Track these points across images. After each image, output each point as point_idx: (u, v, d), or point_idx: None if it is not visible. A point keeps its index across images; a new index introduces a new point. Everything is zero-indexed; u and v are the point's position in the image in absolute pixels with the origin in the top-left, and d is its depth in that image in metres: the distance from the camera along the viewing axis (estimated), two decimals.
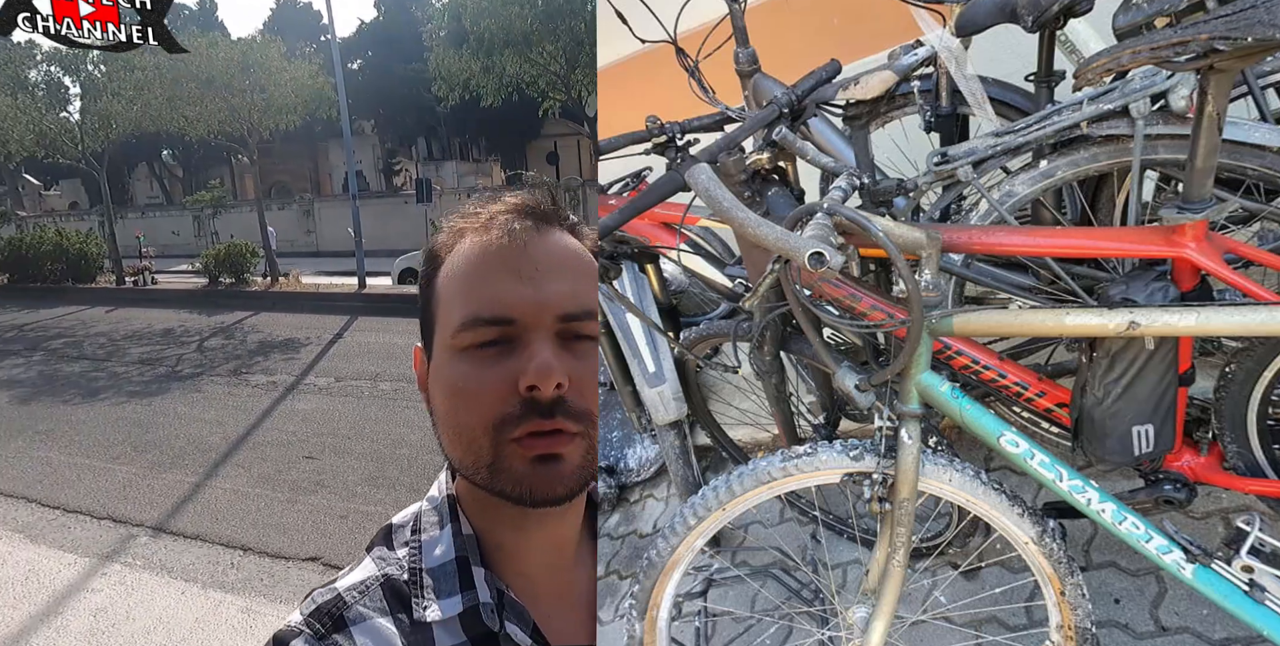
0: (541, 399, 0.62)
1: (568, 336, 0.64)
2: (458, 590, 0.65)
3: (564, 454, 0.63)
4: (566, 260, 0.67)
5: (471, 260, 0.66)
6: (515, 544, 0.69)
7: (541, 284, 0.64)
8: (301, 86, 14.31)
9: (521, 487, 0.63)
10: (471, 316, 0.63)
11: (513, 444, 0.62)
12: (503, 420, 0.62)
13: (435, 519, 0.70)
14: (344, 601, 0.64)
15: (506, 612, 0.66)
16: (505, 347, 0.63)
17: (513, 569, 0.69)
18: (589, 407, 0.65)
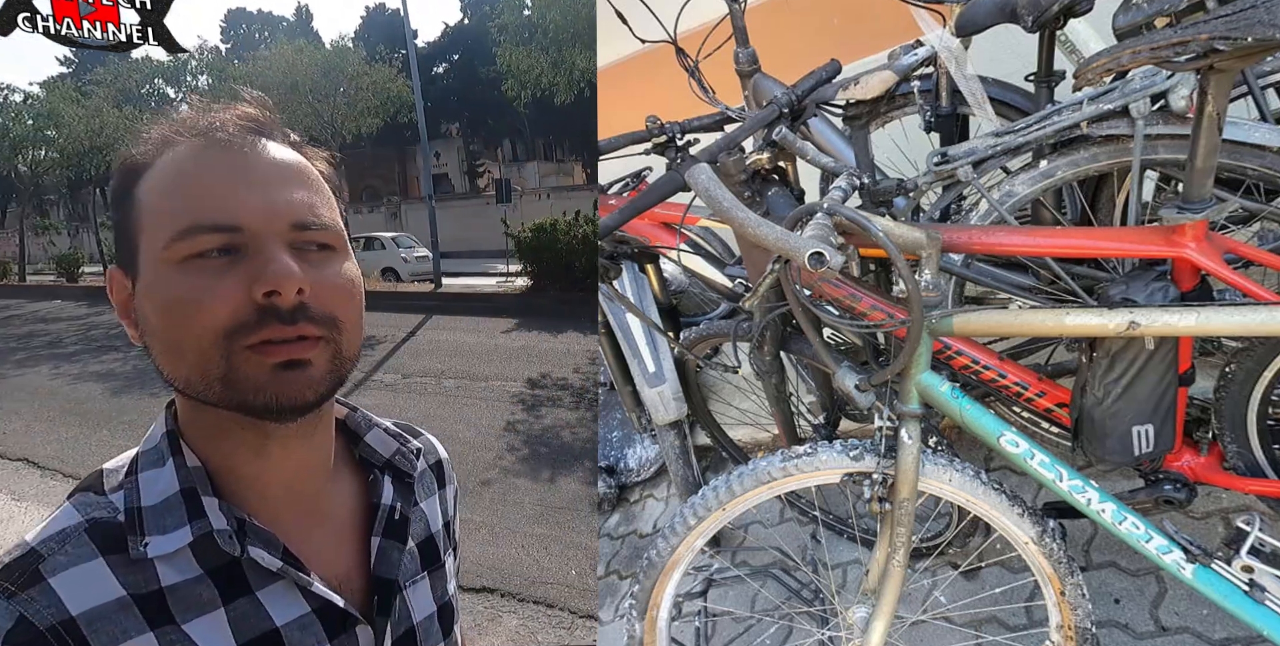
0: (282, 305, 0.58)
1: (303, 247, 0.61)
2: (185, 521, 0.60)
3: (310, 359, 0.59)
4: (295, 172, 0.64)
5: (186, 167, 0.61)
6: (256, 470, 0.65)
7: (270, 192, 0.61)
8: (381, 90, 14.74)
9: (264, 395, 0.58)
10: (190, 224, 0.58)
11: (248, 352, 0.57)
12: (236, 328, 0.57)
13: (154, 458, 0.64)
14: (38, 554, 0.57)
15: (250, 538, 0.61)
16: (233, 257, 0.59)
17: (255, 495, 0.64)
18: (334, 313, 0.61)
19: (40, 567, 0.56)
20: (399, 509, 0.73)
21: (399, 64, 15.32)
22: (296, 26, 30.28)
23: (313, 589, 0.63)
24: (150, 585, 0.58)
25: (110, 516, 0.60)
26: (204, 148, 0.62)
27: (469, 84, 30.22)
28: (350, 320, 0.63)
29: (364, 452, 0.76)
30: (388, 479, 0.75)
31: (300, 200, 0.62)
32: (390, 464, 0.76)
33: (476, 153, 34.83)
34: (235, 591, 0.61)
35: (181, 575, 0.59)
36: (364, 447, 0.76)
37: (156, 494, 0.61)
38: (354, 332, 0.64)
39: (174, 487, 0.61)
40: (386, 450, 0.77)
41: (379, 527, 0.71)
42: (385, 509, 0.72)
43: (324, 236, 0.63)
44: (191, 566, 0.60)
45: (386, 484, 0.74)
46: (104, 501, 0.61)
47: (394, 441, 0.77)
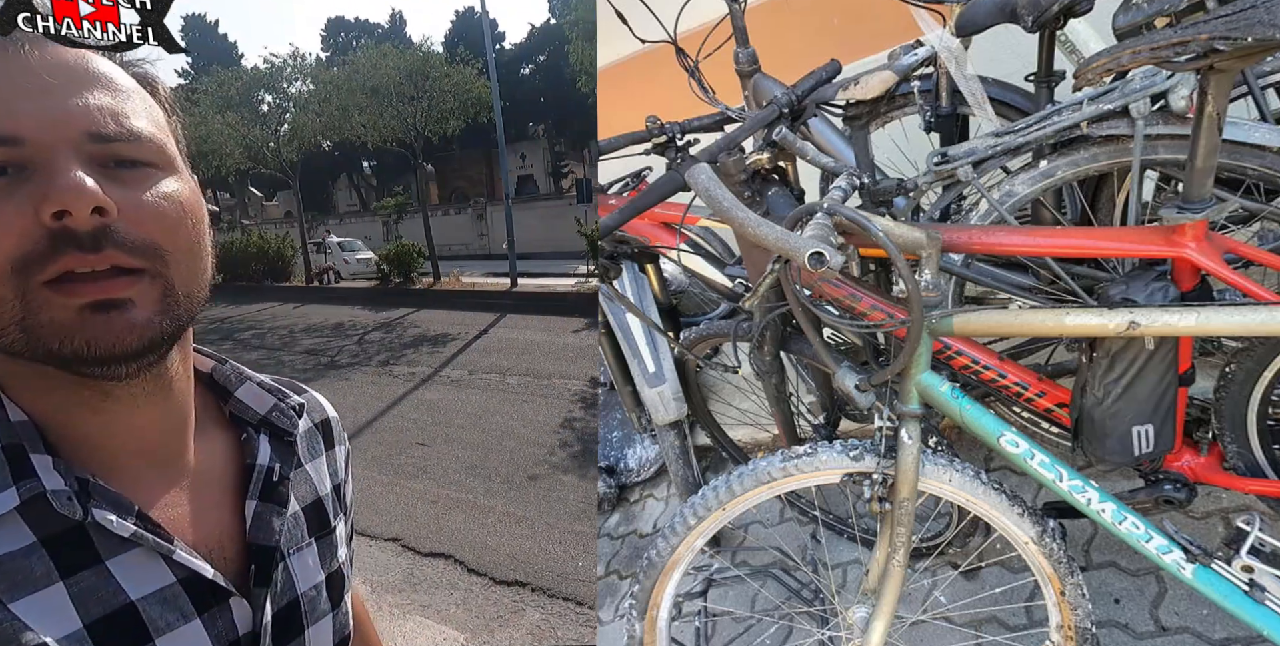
0: (77, 228, 0.48)
1: (107, 162, 0.51)
2: (10, 483, 0.50)
3: (131, 297, 0.50)
4: (94, 74, 0.53)
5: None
6: (97, 429, 0.55)
7: (60, 97, 0.50)
8: (462, 92, 14.91)
9: (74, 343, 0.49)
10: None
11: (47, 290, 0.48)
12: (25, 260, 0.47)
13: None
14: None
15: (95, 500, 0.52)
16: (15, 177, 0.49)
17: (102, 456, 0.55)
18: (154, 240, 0.51)
19: None
20: (278, 470, 0.65)
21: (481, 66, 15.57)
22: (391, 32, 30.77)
23: (175, 557, 0.54)
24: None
25: None
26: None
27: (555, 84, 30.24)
28: (180, 248, 0.53)
29: (235, 409, 0.67)
30: (264, 437, 0.67)
31: (99, 105, 0.52)
32: (267, 421, 0.68)
33: (561, 154, 34.93)
34: (77, 561, 0.51)
35: (8, 546, 0.50)
36: (235, 403, 0.67)
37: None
38: (189, 264, 0.54)
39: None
40: (261, 406, 0.68)
41: (254, 490, 0.63)
42: (261, 470, 0.64)
43: (135, 149, 0.52)
44: (21, 534, 0.50)
45: (263, 443, 0.66)
46: None
47: (270, 396, 0.69)
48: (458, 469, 4.73)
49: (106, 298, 0.49)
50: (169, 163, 0.55)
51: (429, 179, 29.66)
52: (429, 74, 14.37)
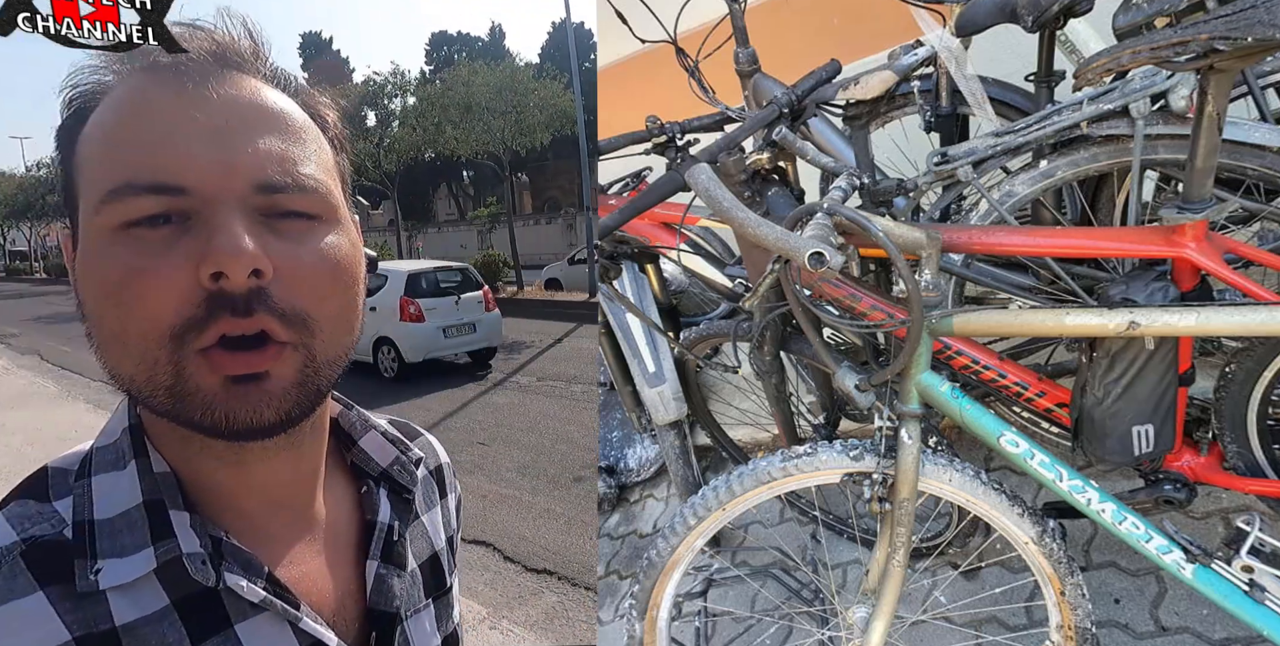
0: (233, 291, 0.45)
1: (272, 214, 0.48)
2: (147, 542, 0.48)
3: (270, 371, 0.47)
4: (267, 117, 0.50)
5: (125, 108, 0.48)
6: (232, 481, 0.53)
7: (229, 143, 0.47)
8: (549, 106, 15.26)
9: (214, 415, 0.47)
10: (123, 182, 0.46)
11: (199, 357, 0.46)
12: (186, 327, 0.45)
13: (112, 456, 0.52)
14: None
15: (227, 562, 0.50)
16: (178, 228, 0.46)
17: (232, 508, 0.53)
18: (304, 308, 0.48)
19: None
20: (396, 528, 0.62)
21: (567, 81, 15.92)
22: (490, 45, 31.10)
23: (301, 624, 0.52)
24: (101, 624, 0.46)
25: (53, 533, 0.48)
26: (152, 80, 0.48)
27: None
28: (329, 315, 0.50)
29: (357, 458, 0.65)
30: (384, 492, 0.64)
31: (269, 152, 0.49)
32: (387, 474, 0.65)
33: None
34: (208, 627, 0.49)
35: (141, 610, 0.48)
36: (357, 452, 0.65)
37: (114, 505, 0.50)
38: (335, 331, 0.51)
39: (136, 498, 0.50)
40: (384, 458, 0.65)
41: (375, 550, 0.60)
42: (382, 528, 0.61)
43: (302, 201, 0.49)
44: (155, 597, 0.48)
45: (383, 498, 0.63)
46: (47, 511, 0.49)
47: (393, 448, 0.66)
48: (510, 468, 5.02)
49: (248, 372, 0.47)
50: (332, 213, 0.52)
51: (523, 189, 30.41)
52: (517, 89, 14.78)
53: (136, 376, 0.47)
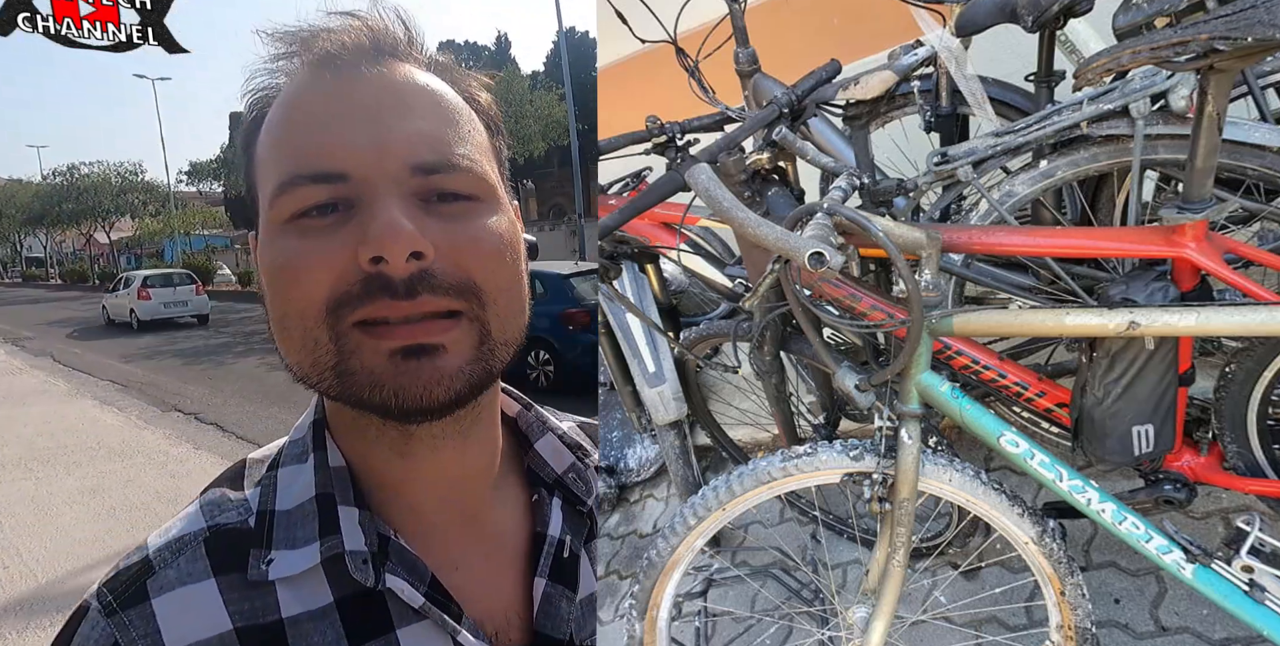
0: (393, 276, 0.45)
1: (429, 196, 0.48)
2: (315, 537, 0.49)
3: (444, 344, 0.47)
4: (420, 98, 0.50)
5: (289, 105, 0.50)
6: (403, 473, 0.53)
7: (383, 127, 0.48)
8: (544, 116, 15.09)
9: (383, 393, 0.46)
10: (290, 175, 0.47)
11: (359, 332, 0.46)
12: (339, 301, 0.46)
13: (298, 450, 0.53)
14: (150, 565, 0.48)
15: (390, 563, 0.50)
16: (343, 215, 0.47)
17: (402, 505, 0.53)
18: (473, 280, 0.48)
19: (148, 583, 0.47)
20: (568, 544, 0.57)
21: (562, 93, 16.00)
22: (496, 54, 31.30)
23: (459, 638, 0.50)
24: (267, 614, 0.47)
25: (239, 521, 0.50)
26: (312, 74, 0.50)
27: None
28: (499, 287, 0.49)
29: (532, 462, 0.60)
30: (557, 501, 0.58)
31: (424, 134, 0.49)
32: (561, 482, 0.59)
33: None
34: (370, 629, 0.49)
35: (306, 605, 0.48)
36: (533, 456, 0.60)
37: (293, 497, 0.51)
38: (507, 304, 0.49)
39: (310, 491, 0.51)
40: (559, 464, 0.60)
41: (544, 566, 0.55)
42: (553, 542, 0.56)
43: (459, 181, 0.49)
44: (321, 592, 0.48)
45: (555, 508, 0.58)
46: (237, 500, 0.51)
47: (570, 454, 0.61)
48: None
49: (418, 343, 0.46)
50: (490, 193, 0.51)
51: (529, 195, 30.90)
52: (513, 99, 14.86)
53: (303, 360, 0.48)
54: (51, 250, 44.78)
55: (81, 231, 36.83)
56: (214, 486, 0.53)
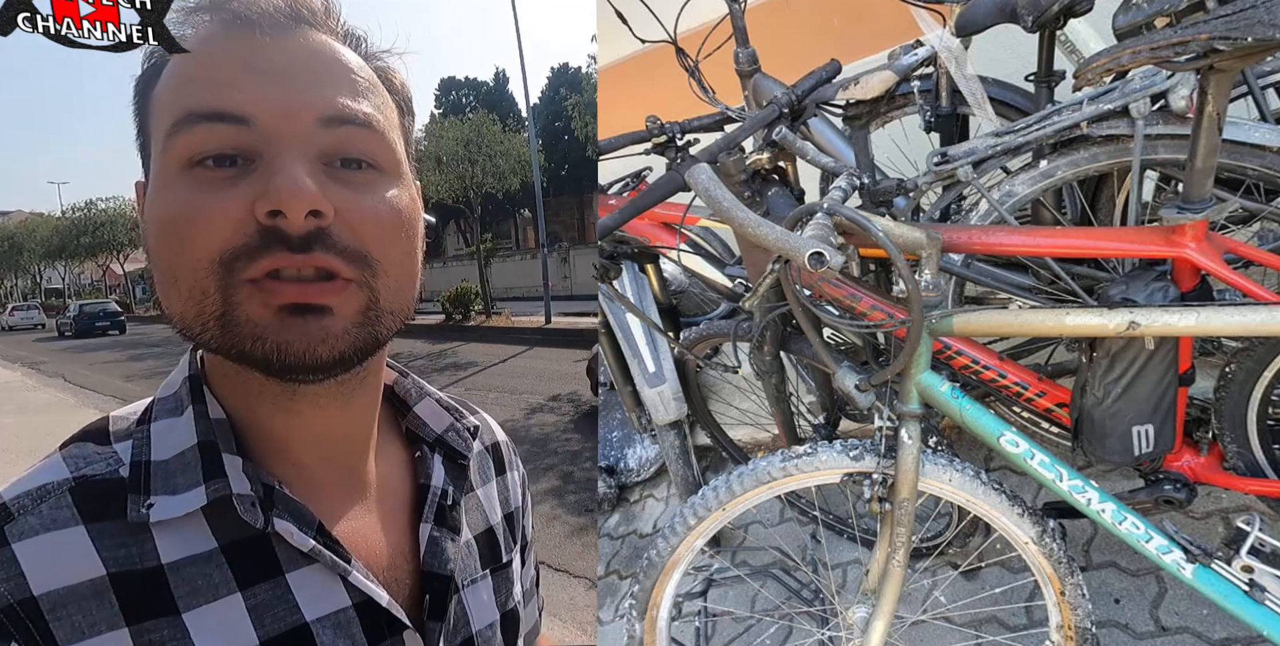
0: (289, 230, 0.45)
1: (333, 160, 0.48)
2: (199, 480, 0.48)
3: (331, 305, 0.47)
4: (333, 67, 0.50)
5: (195, 53, 0.48)
6: (286, 429, 0.53)
7: (294, 83, 0.47)
8: (514, 155, 16.65)
9: (265, 346, 0.46)
10: (186, 111, 0.46)
11: (250, 287, 0.46)
12: (234, 254, 0.45)
13: (172, 405, 0.52)
14: (7, 511, 0.46)
15: (277, 509, 0.50)
16: (242, 169, 0.46)
17: (285, 461, 0.53)
18: (367, 249, 0.48)
19: (6, 528, 0.45)
20: (450, 493, 0.61)
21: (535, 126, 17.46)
22: (495, 90, 31.65)
23: (351, 578, 0.51)
24: (146, 560, 0.47)
25: (108, 472, 0.49)
26: (227, 27, 0.49)
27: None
28: (392, 260, 0.50)
29: (412, 424, 0.64)
30: (438, 458, 0.63)
31: (334, 93, 0.49)
32: (441, 440, 0.64)
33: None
34: (257, 573, 0.49)
35: (189, 549, 0.48)
36: (412, 418, 0.64)
37: (170, 447, 0.50)
38: (398, 277, 0.51)
39: (190, 440, 0.50)
40: (438, 424, 0.64)
41: (429, 513, 0.59)
42: (435, 491, 0.60)
43: (365, 141, 0.49)
44: (204, 539, 0.48)
45: (436, 463, 0.62)
46: (105, 452, 0.50)
47: (447, 415, 0.65)
48: None
49: (306, 301, 0.46)
50: (395, 166, 0.52)
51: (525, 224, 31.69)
52: (480, 143, 15.98)
53: (186, 312, 0.47)
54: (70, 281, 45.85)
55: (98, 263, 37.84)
56: (74, 441, 0.52)
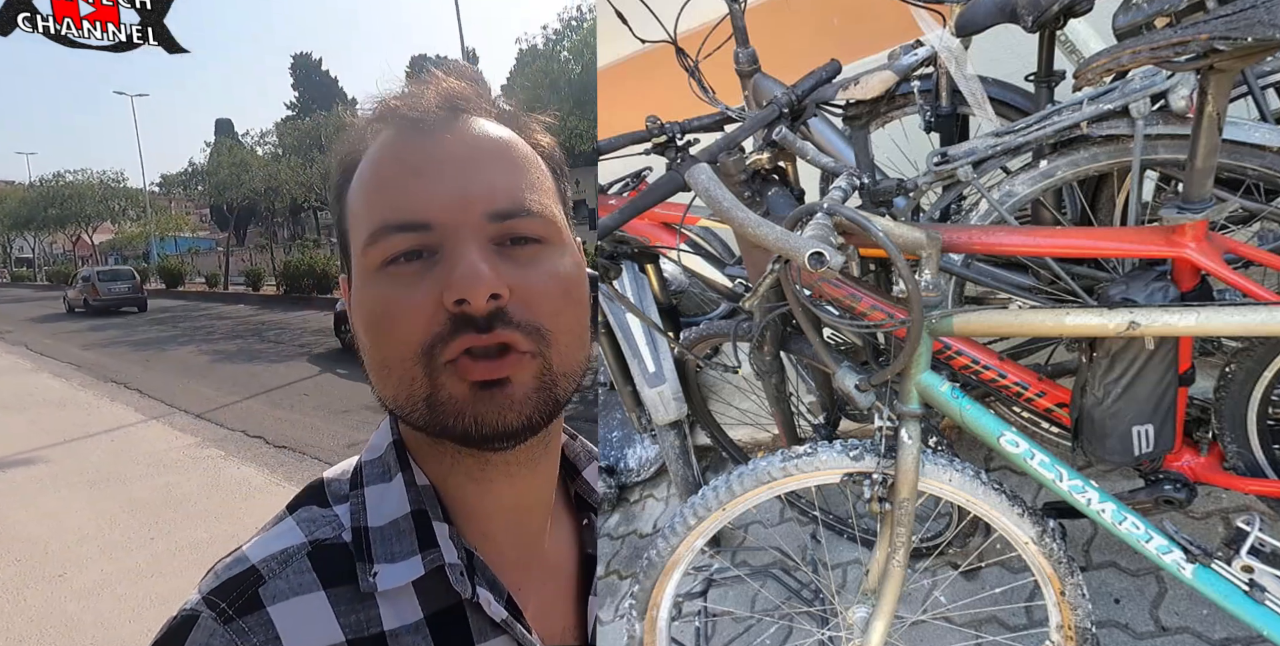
0: (475, 314, 0.51)
1: (504, 241, 0.53)
2: (415, 550, 0.53)
3: (511, 377, 0.52)
4: (492, 150, 0.56)
5: (378, 159, 0.55)
6: (478, 499, 0.57)
7: (461, 179, 0.53)
8: None
9: (464, 419, 0.51)
10: (378, 225, 0.53)
11: (449, 368, 0.51)
12: (432, 341, 0.51)
13: (380, 470, 0.57)
14: (258, 574, 0.51)
15: (478, 577, 0.54)
16: (428, 262, 0.52)
17: (476, 529, 0.57)
18: (540, 322, 0.53)
19: (260, 591, 0.50)
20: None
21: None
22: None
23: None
24: (371, 627, 0.51)
25: (334, 536, 0.53)
26: (397, 135, 0.55)
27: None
28: (562, 328, 0.54)
29: (581, 489, 0.66)
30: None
31: (499, 185, 0.54)
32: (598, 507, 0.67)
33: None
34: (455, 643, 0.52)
35: (402, 619, 0.51)
36: (581, 483, 0.66)
37: (384, 514, 0.54)
38: (569, 344, 0.55)
39: (404, 508, 0.54)
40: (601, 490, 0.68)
41: (598, 585, 0.62)
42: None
43: (530, 226, 0.54)
44: (413, 608, 0.52)
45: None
46: (328, 515, 0.55)
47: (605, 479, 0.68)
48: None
49: (491, 377, 0.51)
50: (557, 235, 0.56)
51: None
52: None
53: (399, 394, 0.53)
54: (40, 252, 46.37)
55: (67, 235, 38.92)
56: (301, 503, 0.57)
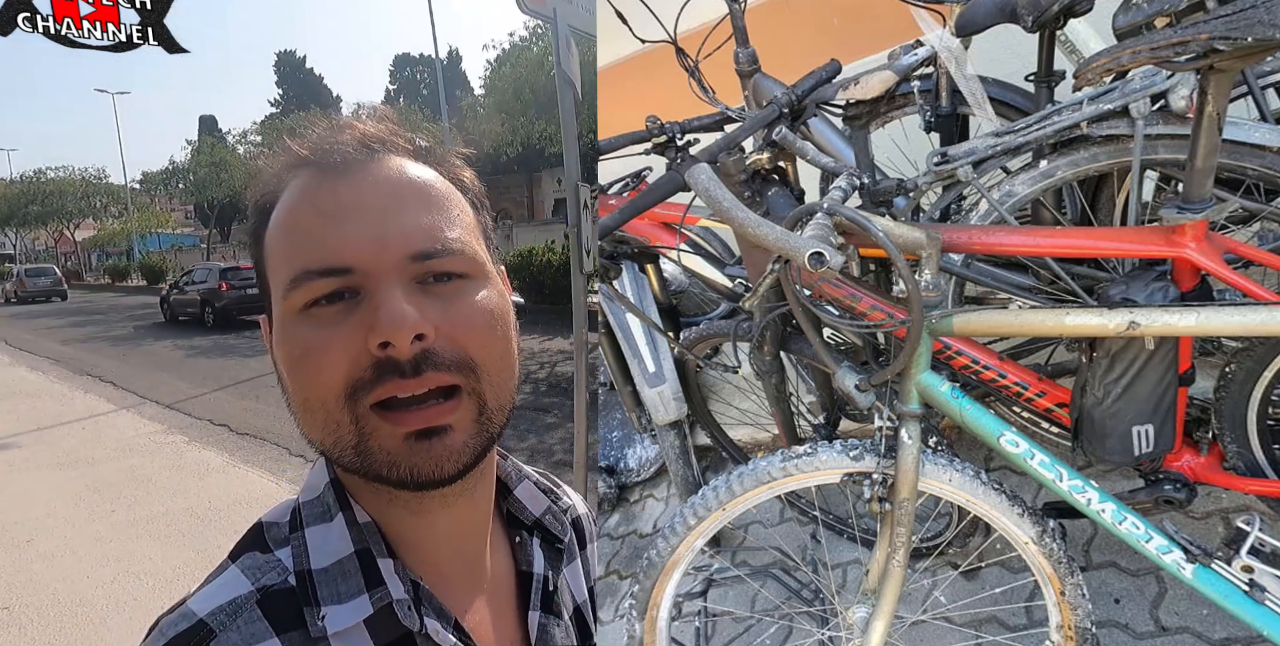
0: (400, 358, 0.50)
1: (426, 278, 0.53)
2: (362, 589, 0.53)
3: (450, 424, 0.52)
4: (410, 189, 0.55)
5: (296, 201, 0.55)
6: (419, 531, 0.57)
7: (379, 221, 0.52)
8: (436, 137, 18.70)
9: (399, 470, 0.51)
10: (299, 271, 0.52)
11: (375, 415, 0.51)
12: (355, 386, 0.50)
13: (320, 510, 0.56)
14: (208, 628, 0.49)
15: (425, 608, 0.54)
16: (350, 303, 0.52)
17: (420, 558, 0.57)
18: (469, 355, 0.52)
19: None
20: (550, 579, 0.64)
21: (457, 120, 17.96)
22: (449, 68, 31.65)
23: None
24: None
25: (280, 581, 0.53)
26: (314, 176, 0.55)
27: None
28: (491, 360, 0.54)
29: (513, 507, 0.67)
30: (536, 542, 0.65)
31: (420, 225, 0.54)
32: (540, 524, 0.66)
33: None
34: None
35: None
36: (513, 502, 0.67)
37: (327, 554, 0.54)
38: (499, 374, 0.55)
39: (347, 548, 0.54)
40: (537, 508, 0.67)
41: (536, 600, 0.62)
42: (539, 578, 0.63)
43: (452, 263, 0.54)
44: (364, 641, 0.52)
45: (536, 548, 0.65)
46: (272, 560, 0.54)
47: (545, 498, 0.67)
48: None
49: (430, 426, 0.51)
50: (480, 270, 0.56)
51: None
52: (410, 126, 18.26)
53: (325, 439, 0.53)
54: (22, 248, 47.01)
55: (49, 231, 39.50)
56: (244, 550, 0.56)
